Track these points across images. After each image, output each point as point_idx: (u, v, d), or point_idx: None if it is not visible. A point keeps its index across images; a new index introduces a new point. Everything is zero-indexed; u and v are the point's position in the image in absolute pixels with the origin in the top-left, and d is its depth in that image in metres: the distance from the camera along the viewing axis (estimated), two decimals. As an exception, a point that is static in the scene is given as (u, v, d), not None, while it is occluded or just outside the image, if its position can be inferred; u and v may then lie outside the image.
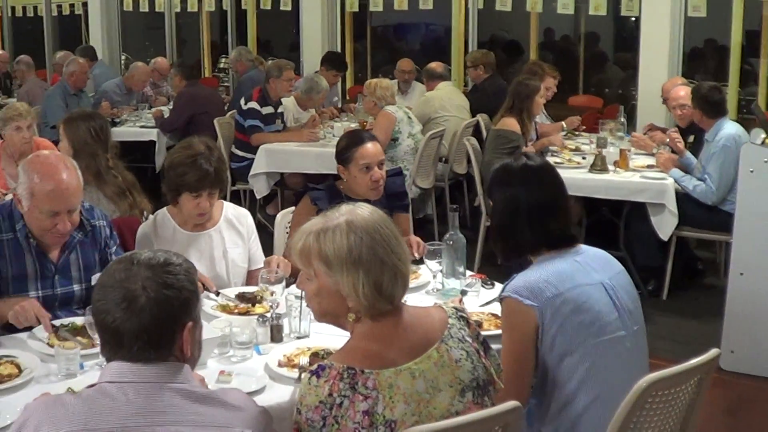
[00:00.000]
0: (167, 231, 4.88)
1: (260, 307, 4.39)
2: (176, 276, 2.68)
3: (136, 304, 2.59)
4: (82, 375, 3.72)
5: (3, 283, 4.33)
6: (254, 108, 9.64)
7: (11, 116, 7.28)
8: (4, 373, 3.68)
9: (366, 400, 2.78)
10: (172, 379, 2.63)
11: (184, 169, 4.67)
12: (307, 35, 13.40)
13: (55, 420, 2.52)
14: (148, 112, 11.63)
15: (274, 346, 3.98)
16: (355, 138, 5.32)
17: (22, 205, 4.26)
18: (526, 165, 3.92)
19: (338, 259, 2.89)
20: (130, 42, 16.46)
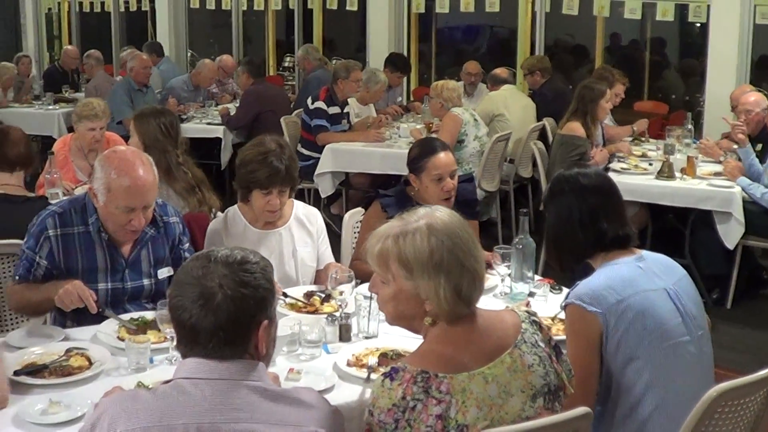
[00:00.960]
0: (238, 228, 4.90)
1: (329, 306, 4.40)
2: (253, 274, 2.70)
3: (212, 301, 2.61)
4: (152, 369, 3.75)
5: (74, 276, 4.37)
6: (321, 107, 9.67)
7: (87, 115, 7.35)
8: (74, 365, 3.72)
9: (439, 404, 2.77)
10: (247, 377, 2.64)
11: (255, 166, 4.69)
12: (373, 36, 13.40)
13: (131, 416, 2.54)
14: (215, 110, 11.72)
15: (343, 346, 3.99)
16: (427, 147, 5.23)
17: (98, 200, 4.29)
18: (577, 173, 3.93)
19: (419, 262, 2.88)
20: (195, 39, 16.56)
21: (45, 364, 3.70)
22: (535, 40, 12.49)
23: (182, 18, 15.99)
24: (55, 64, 15.70)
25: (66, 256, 4.36)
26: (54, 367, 3.68)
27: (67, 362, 3.73)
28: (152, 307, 4.47)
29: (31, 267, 4.38)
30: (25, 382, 3.57)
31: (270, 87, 11.62)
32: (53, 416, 3.30)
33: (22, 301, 4.43)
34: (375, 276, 3.06)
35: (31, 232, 4.40)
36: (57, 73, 14.91)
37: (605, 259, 3.75)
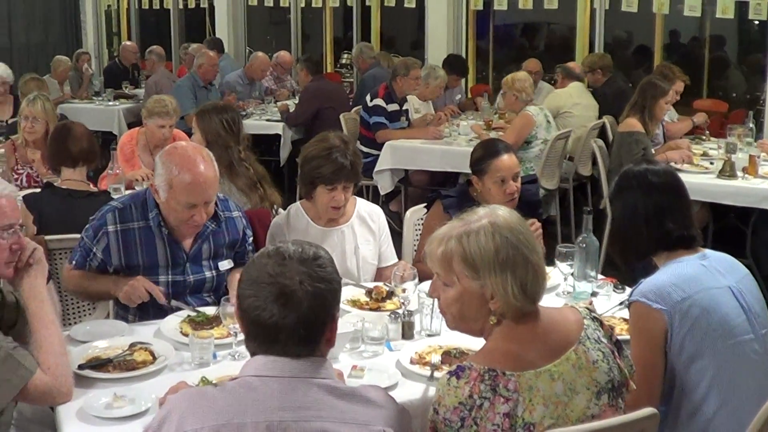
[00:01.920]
0: (300, 225, 4.90)
1: (391, 303, 4.39)
2: (326, 269, 2.69)
3: (293, 299, 2.59)
4: (216, 364, 3.77)
5: (135, 270, 4.41)
6: (380, 105, 9.66)
7: (159, 112, 7.41)
8: (138, 360, 3.75)
9: (507, 402, 2.76)
10: (316, 374, 2.63)
11: (319, 162, 4.69)
12: (432, 33, 13.36)
13: (200, 413, 2.53)
14: (274, 106, 11.76)
15: (405, 343, 3.98)
16: (490, 149, 5.18)
17: (159, 196, 4.32)
18: (645, 169, 3.89)
19: (485, 261, 2.86)
20: (253, 36, 16.61)
21: (109, 359, 3.73)
22: (594, 37, 12.39)
23: (241, 15, 16.06)
24: (115, 61, 15.84)
25: (126, 251, 4.40)
26: (118, 362, 3.71)
27: (131, 357, 3.76)
28: (213, 299, 4.52)
29: (87, 256, 4.44)
30: (89, 376, 3.60)
31: (329, 84, 11.64)
32: (118, 410, 3.33)
33: (78, 287, 4.53)
34: (435, 280, 3.04)
35: (91, 224, 4.46)
36: (117, 70, 15.04)
37: (668, 257, 3.72)
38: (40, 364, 3.37)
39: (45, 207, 5.41)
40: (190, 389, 2.82)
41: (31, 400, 3.44)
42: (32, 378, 3.31)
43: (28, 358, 3.35)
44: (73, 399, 3.41)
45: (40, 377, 3.33)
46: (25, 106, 7.28)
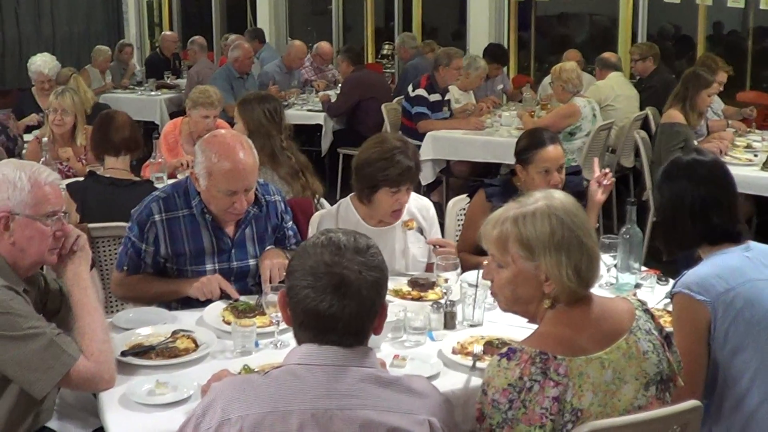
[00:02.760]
0: (350, 223, 4.79)
1: (433, 293, 4.37)
2: (377, 257, 2.68)
3: (352, 288, 2.57)
4: (258, 353, 3.77)
5: (181, 259, 4.43)
6: (422, 95, 9.64)
7: (203, 102, 7.41)
8: (181, 347, 3.76)
9: (557, 386, 2.75)
10: (361, 363, 2.62)
11: (384, 164, 4.58)
12: (473, 23, 13.33)
13: (244, 401, 2.53)
14: (315, 97, 11.77)
15: (447, 333, 3.97)
16: (536, 139, 5.15)
17: (199, 184, 4.33)
18: (694, 160, 3.83)
19: (540, 242, 2.86)
20: (294, 26, 16.64)
21: (152, 346, 3.74)
22: (637, 28, 12.31)
23: (282, 5, 16.10)
24: (156, 51, 15.91)
25: (172, 240, 4.41)
26: (160, 349, 3.72)
27: (174, 344, 3.77)
28: (256, 287, 4.52)
29: (139, 256, 4.43)
30: (131, 363, 3.62)
31: (370, 74, 11.64)
32: (160, 397, 3.34)
33: (137, 293, 4.49)
34: (489, 262, 3.05)
35: (135, 219, 4.44)
36: (158, 60, 15.11)
37: (712, 249, 3.67)
38: (83, 350, 3.39)
39: (88, 195, 5.45)
40: (235, 377, 2.82)
41: (74, 387, 3.46)
42: (75, 364, 3.33)
43: (72, 345, 3.38)
44: (116, 386, 3.43)
45: (83, 364, 3.35)
46: (53, 99, 7.31)
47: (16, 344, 3.28)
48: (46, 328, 3.34)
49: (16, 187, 3.45)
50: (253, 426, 2.49)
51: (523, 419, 2.76)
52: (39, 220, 3.48)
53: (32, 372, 3.31)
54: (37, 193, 3.47)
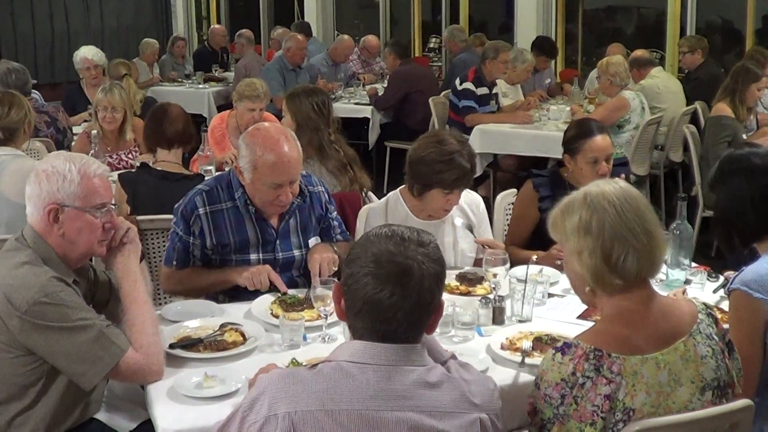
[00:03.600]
0: (399, 215, 4.81)
1: (481, 288, 4.34)
2: (439, 252, 2.67)
3: (414, 279, 2.55)
4: (306, 347, 3.76)
5: (226, 250, 4.44)
6: (469, 89, 9.60)
7: (249, 95, 7.43)
8: (229, 340, 3.76)
9: (609, 384, 2.74)
10: (413, 362, 2.59)
11: (441, 167, 4.55)
12: (521, 16, 13.27)
13: (292, 396, 2.51)
14: (362, 90, 11.78)
15: (496, 329, 3.94)
16: (584, 129, 5.14)
17: (244, 177, 4.33)
18: (749, 152, 3.79)
19: (572, 228, 2.91)
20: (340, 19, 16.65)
21: (200, 338, 3.75)
22: (685, 21, 12.21)
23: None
24: (204, 44, 15.98)
25: (217, 232, 4.42)
26: (209, 342, 3.73)
27: (222, 337, 3.77)
28: (302, 278, 4.54)
29: (187, 250, 4.45)
30: (180, 356, 3.63)
31: (417, 68, 11.62)
32: (208, 390, 3.34)
33: (187, 286, 4.49)
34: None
35: (180, 214, 4.46)
36: (206, 53, 15.19)
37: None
38: (132, 342, 3.40)
39: (139, 187, 5.47)
40: (283, 370, 2.79)
41: (123, 378, 3.48)
42: (124, 356, 3.35)
43: (121, 337, 3.39)
44: (164, 378, 3.44)
45: (132, 355, 3.37)
46: (102, 97, 7.32)
47: (66, 336, 3.30)
48: (96, 320, 3.36)
49: (65, 179, 3.47)
50: (301, 423, 2.47)
51: (574, 416, 2.75)
52: (88, 211, 3.49)
53: (81, 363, 3.33)
54: (86, 185, 3.49)
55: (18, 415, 3.46)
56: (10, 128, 5.76)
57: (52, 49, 17.78)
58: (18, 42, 17.34)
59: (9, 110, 5.76)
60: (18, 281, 3.34)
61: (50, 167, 3.50)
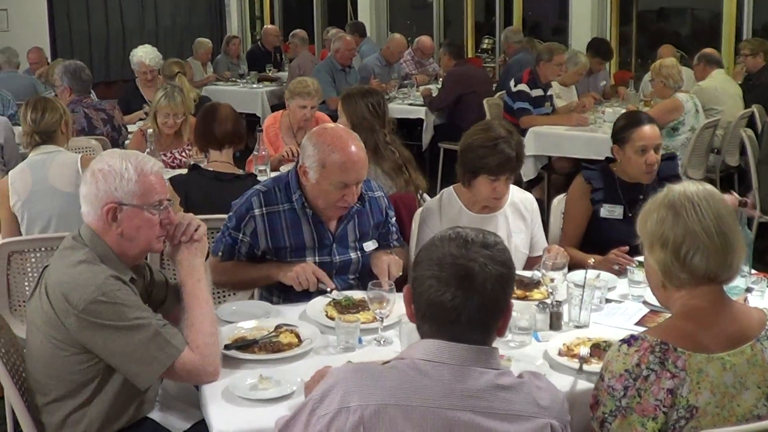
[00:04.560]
0: (453, 210, 4.84)
1: (538, 292, 4.30)
2: (506, 253, 2.65)
3: (477, 281, 2.54)
4: (361, 349, 3.75)
5: (282, 252, 4.43)
6: (524, 90, 9.57)
7: (300, 92, 7.45)
8: (284, 342, 3.74)
9: (673, 378, 2.73)
10: (487, 364, 2.58)
11: (485, 152, 4.59)
12: (576, 18, 13.21)
13: (366, 390, 2.50)
14: (416, 91, 11.76)
15: (553, 334, 3.89)
16: (633, 119, 5.22)
17: (308, 177, 4.31)
18: None
19: (652, 222, 2.92)
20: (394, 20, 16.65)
21: (255, 340, 3.74)
22: (741, 23, 12.08)
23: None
24: (258, 44, 16.04)
25: (273, 234, 4.41)
26: (264, 343, 3.71)
27: (277, 338, 3.75)
28: (357, 281, 4.52)
29: (234, 245, 4.45)
30: (235, 357, 3.62)
31: (472, 68, 11.62)
32: (263, 392, 3.33)
33: (230, 277, 4.49)
34: None
35: (235, 212, 4.47)
36: (260, 53, 15.27)
37: None
38: (189, 342, 3.40)
39: (191, 189, 5.48)
40: (356, 364, 2.77)
41: (178, 378, 3.48)
42: (180, 356, 3.34)
43: (177, 337, 3.39)
44: (219, 378, 3.43)
45: (188, 356, 3.36)
46: (165, 103, 7.32)
47: (122, 335, 3.30)
48: (152, 319, 3.36)
49: (122, 177, 3.48)
50: (373, 416, 2.46)
51: (637, 408, 2.75)
52: (146, 209, 3.50)
53: (137, 363, 3.33)
54: (143, 183, 3.50)
55: (73, 413, 3.48)
56: (47, 131, 5.88)
57: (107, 48, 17.94)
58: (74, 40, 17.52)
59: (43, 114, 5.87)
60: (75, 280, 3.35)
61: (106, 166, 3.51)
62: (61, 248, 3.57)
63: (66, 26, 17.52)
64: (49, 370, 3.48)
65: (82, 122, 7.86)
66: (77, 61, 8.69)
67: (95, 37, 17.87)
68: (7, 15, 16.49)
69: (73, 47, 17.32)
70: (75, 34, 17.61)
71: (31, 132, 5.85)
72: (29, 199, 5.62)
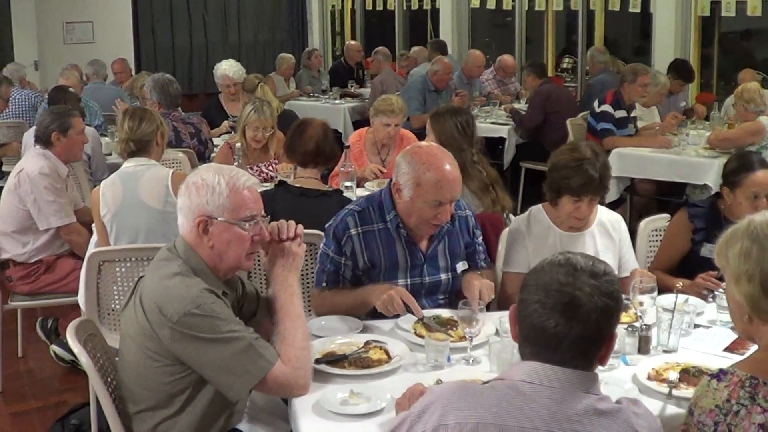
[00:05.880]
0: (541, 228, 4.82)
1: (626, 315, 4.26)
2: (614, 285, 2.64)
3: (581, 311, 2.55)
4: (449, 368, 3.74)
5: (375, 272, 4.44)
6: (607, 111, 9.50)
7: (384, 110, 7.49)
8: (373, 358, 3.77)
9: (764, 413, 2.66)
10: (588, 389, 2.58)
11: (568, 172, 4.58)
12: (658, 38, 13.07)
13: (464, 408, 2.52)
14: (499, 109, 11.75)
15: (641, 358, 3.87)
16: (746, 162, 5.03)
17: (402, 195, 4.34)
18: None
19: (734, 254, 2.84)
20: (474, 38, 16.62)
21: (345, 355, 3.77)
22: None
23: (465, 17, 16.06)
24: (340, 60, 16.12)
25: (369, 253, 4.43)
26: (353, 358, 3.74)
27: (366, 354, 3.78)
28: (446, 302, 4.52)
29: (338, 270, 4.45)
30: (325, 371, 3.65)
31: (558, 88, 11.59)
32: (353, 407, 3.35)
33: (330, 308, 4.43)
34: None
35: (332, 235, 4.47)
36: (342, 69, 15.34)
37: None
38: (281, 355, 3.43)
39: (278, 205, 5.48)
40: (456, 382, 2.79)
41: (269, 391, 3.51)
42: (272, 369, 3.38)
43: (269, 350, 3.43)
44: (309, 392, 3.46)
45: (280, 369, 3.40)
46: (254, 117, 7.42)
47: (216, 347, 3.34)
48: (245, 332, 3.40)
49: (215, 191, 3.52)
50: None
51: None
52: (237, 224, 3.54)
53: (229, 375, 3.37)
54: (235, 198, 3.54)
55: (163, 422, 3.54)
56: (142, 140, 5.89)
57: (190, 62, 18.21)
58: (158, 53, 17.79)
59: (140, 123, 5.90)
60: (170, 292, 3.40)
61: (200, 179, 3.56)
62: (156, 259, 3.63)
63: (150, 39, 17.80)
64: (141, 380, 3.53)
65: (170, 135, 7.91)
66: (166, 74, 8.78)
67: (179, 51, 18.14)
68: (93, 27, 16.78)
69: (156, 60, 17.59)
70: (159, 48, 17.90)
71: (126, 139, 5.89)
72: (118, 211, 5.69)
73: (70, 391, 6.40)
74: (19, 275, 6.32)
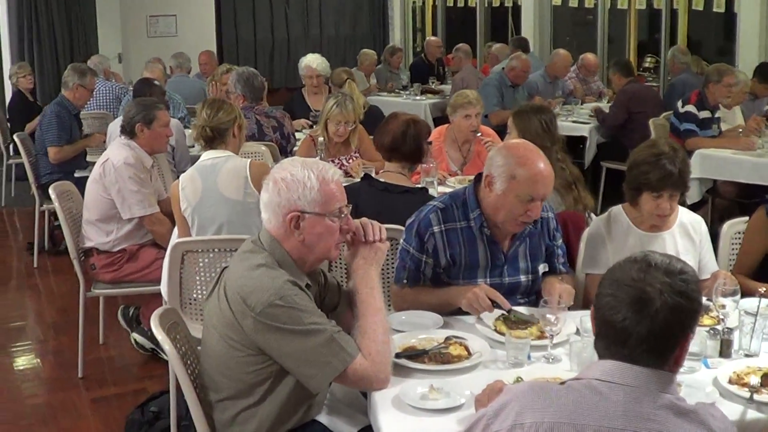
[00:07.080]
0: (621, 228, 4.80)
1: (708, 318, 4.23)
2: (689, 285, 2.60)
3: (650, 307, 2.53)
4: (530, 366, 3.74)
5: (455, 270, 4.44)
6: (691, 111, 9.43)
7: (462, 104, 7.56)
8: (453, 353, 3.77)
9: None
10: (663, 389, 2.56)
11: (647, 168, 4.56)
12: (743, 39, 12.90)
13: (540, 408, 2.52)
14: (581, 108, 11.69)
15: (723, 362, 3.84)
16: None
17: (492, 188, 4.31)
18: None
19: None
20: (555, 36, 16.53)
21: (425, 350, 3.79)
22: None
23: (547, 15, 16.00)
24: (421, 56, 16.14)
25: (451, 251, 4.42)
26: (433, 354, 3.76)
27: (447, 350, 3.79)
28: (525, 303, 4.51)
29: (418, 268, 4.46)
30: (405, 365, 3.67)
31: (643, 87, 11.48)
32: (433, 402, 3.37)
33: (413, 305, 4.42)
34: None
35: (413, 232, 4.47)
36: (422, 65, 15.37)
37: None
38: (362, 349, 3.46)
39: (361, 199, 5.48)
40: (532, 381, 2.81)
41: (349, 384, 3.54)
42: (353, 362, 3.40)
43: (351, 343, 3.45)
44: (390, 386, 3.48)
45: (360, 362, 3.42)
46: (337, 112, 7.47)
47: (298, 338, 3.38)
48: (327, 325, 3.43)
49: (305, 186, 3.56)
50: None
51: None
52: (327, 217, 3.59)
53: (310, 367, 3.40)
54: (325, 191, 3.58)
55: (244, 411, 3.59)
56: (219, 128, 5.89)
57: (272, 56, 18.34)
58: (240, 48, 17.94)
59: (217, 112, 5.91)
60: (254, 283, 3.45)
61: (289, 175, 3.59)
62: (241, 251, 3.68)
63: (233, 33, 17.96)
64: (223, 369, 3.59)
65: (253, 128, 8.01)
66: (251, 68, 8.84)
67: (260, 45, 18.29)
68: (176, 21, 16.96)
69: (238, 54, 17.74)
70: (241, 42, 18.06)
71: (202, 125, 5.90)
72: (199, 205, 5.72)
73: (150, 378, 6.53)
74: (103, 263, 6.43)
